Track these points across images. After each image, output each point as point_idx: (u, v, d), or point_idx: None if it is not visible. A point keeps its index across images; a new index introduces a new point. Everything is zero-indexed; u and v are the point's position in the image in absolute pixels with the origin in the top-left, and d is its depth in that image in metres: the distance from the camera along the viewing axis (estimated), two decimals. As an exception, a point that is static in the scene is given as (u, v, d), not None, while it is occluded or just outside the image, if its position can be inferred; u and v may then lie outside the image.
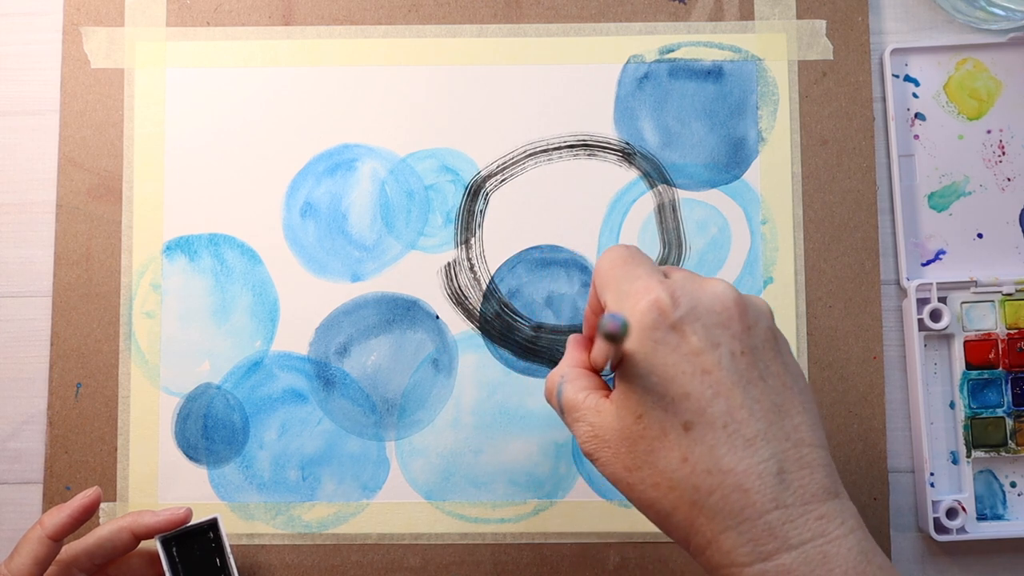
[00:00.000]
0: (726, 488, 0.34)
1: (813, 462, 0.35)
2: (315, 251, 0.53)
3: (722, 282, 0.36)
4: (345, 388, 0.52)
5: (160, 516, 0.46)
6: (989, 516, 0.51)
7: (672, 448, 0.35)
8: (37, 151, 0.53)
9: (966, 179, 0.53)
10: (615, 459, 0.36)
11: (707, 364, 0.35)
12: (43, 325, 0.53)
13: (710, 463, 0.34)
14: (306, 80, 0.53)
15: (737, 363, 0.35)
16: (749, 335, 0.36)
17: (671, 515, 0.35)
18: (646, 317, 0.35)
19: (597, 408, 0.37)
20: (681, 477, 0.35)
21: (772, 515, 0.33)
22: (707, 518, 0.34)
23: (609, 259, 0.38)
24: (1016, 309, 0.51)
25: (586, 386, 0.39)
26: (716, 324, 0.35)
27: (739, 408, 0.34)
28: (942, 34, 0.54)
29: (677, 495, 0.35)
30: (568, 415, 0.39)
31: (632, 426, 0.36)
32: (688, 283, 0.36)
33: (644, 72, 0.53)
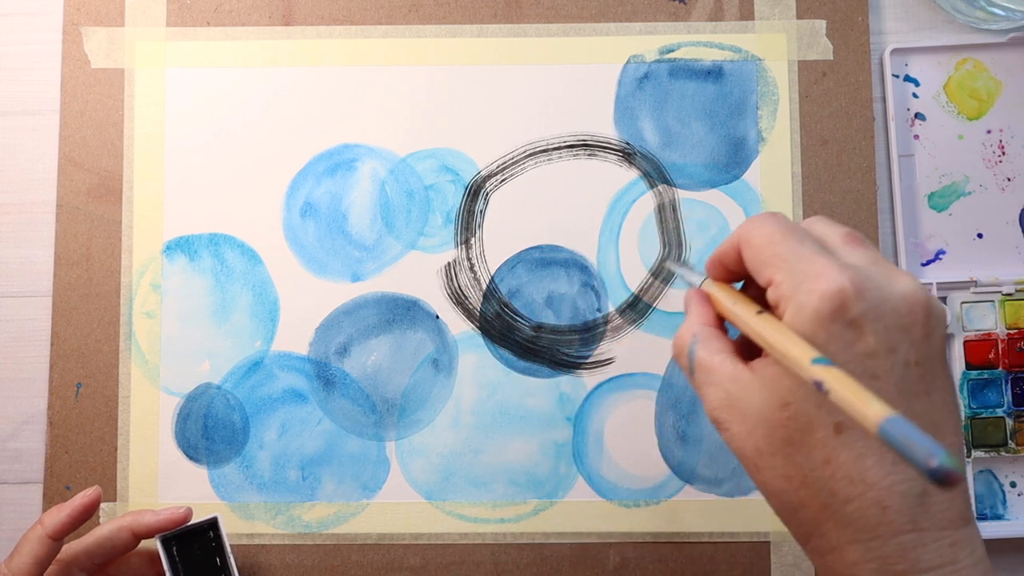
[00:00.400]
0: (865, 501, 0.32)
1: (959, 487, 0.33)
2: (315, 251, 0.53)
3: (911, 279, 0.33)
4: (345, 388, 0.52)
5: (160, 515, 0.46)
6: (989, 516, 0.51)
7: (816, 447, 0.33)
8: (37, 151, 0.53)
9: (966, 179, 0.53)
10: (747, 436, 0.34)
11: (879, 369, 0.32)
12: (43, 325, 0.53)
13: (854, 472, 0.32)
14: (306, 80, 0.53)
15: (909, 373, 0.32)
16: (927, 343, 0.33)
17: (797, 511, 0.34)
18: (824, 306, 0.32)
19: (735, 376, 0.35)
20: (819, 478, 0.33)
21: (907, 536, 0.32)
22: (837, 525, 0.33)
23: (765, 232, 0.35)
24: (1016, 309, 0.51)
25: (721, 348, 0.36)
26: (898, 327, 0.32)
27: None
28: (942, 34, 0.54)
29: (809, 494, 0.33)
30: (700, 376, 0.36)
31: (776, 412, 0.33)
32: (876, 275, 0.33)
33: (644, 72, 0.53)
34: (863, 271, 0.33)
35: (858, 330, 0.32)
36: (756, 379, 0.34)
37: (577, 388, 0.52)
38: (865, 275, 0.32)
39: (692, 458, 0.51)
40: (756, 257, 0.35)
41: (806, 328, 0.32)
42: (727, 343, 0.36)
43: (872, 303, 0.32)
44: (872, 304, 0.32)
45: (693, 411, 0.52)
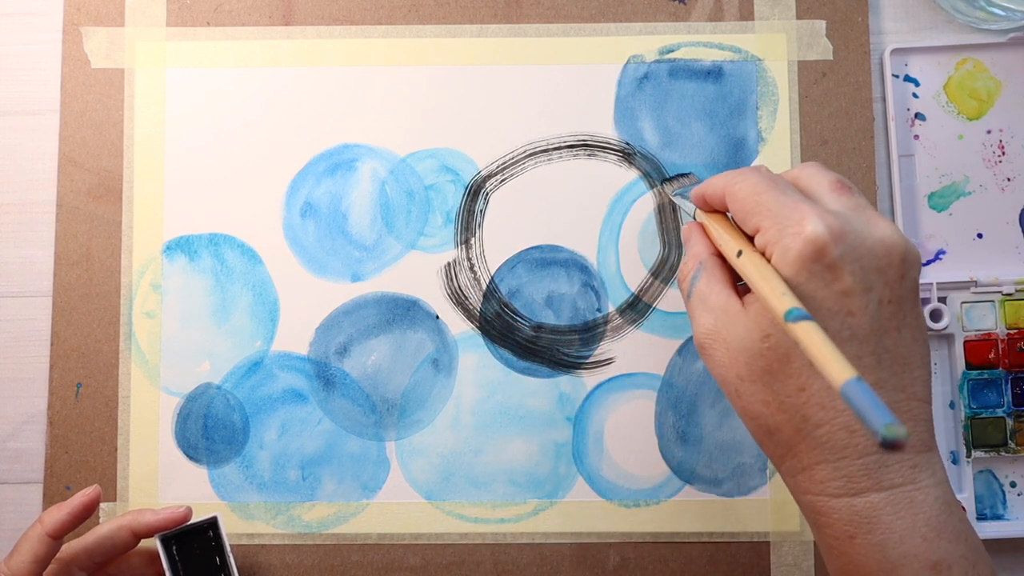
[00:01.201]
0: (835, 425, 0.35)
1: (919, 416, 0.36)
2: (315, 251, 0.53)
3: (890, 224, 0.36)
4: (345, 388, 0.52)
5: (160, 515, 0.46)
6: (989, 516, 0.51)
7: (792, 376, 0.35)
8: (37, 151, 0.53)
9: (966, 179, 0.53)
10: (729, 364, 0.37)
11: (853, 306, 0.35)
12: (43, 325, 0.53)
13: (825, 398, 0.35)
14: (306, 80, 0.53)
15: (882, 311, 0.35)
16: (900, 284, 0.36)
17: (773, 433, 0.37)
18: (806, 249, 0.35)
19: (726, 307, 0.37)
20: (794, 404, 0.36)
21: (871, 458, 0.35)
22: (808, 447, 0.36)
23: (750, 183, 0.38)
24: (1016, 309, 0.51)
25: (721, 279, 0.39)
26: (874, 268, 0.35)
27: (869, 355, 0.35)
28: (942, 34, 0.54)
29: (785, 418, 0.36)
30: (694, 302, 0.39)
31: (757, 343, 0.36)
32: (856, 220, 0.36)
33: (644, 72, 0.53)
34: (843, 216, 0.35)
35: (837, 271, 0.35)
36: (743, 311, 0.37)
37: (577, 388, 0.52)
38: (845, 220, 0.35)
39: (692, 458, 0.51)
40: (742, 208, 0.38)
41: (790, 270, 0.35)
42: (727, 275, 0.39)
43: (850, 246, 0.35)
44: (850, 247, 0.35)
45: (693, 411, 0.52)
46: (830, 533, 0.36)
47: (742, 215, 0.38)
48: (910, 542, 0.35)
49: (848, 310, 0.35)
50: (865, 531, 0.35)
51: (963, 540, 0.35)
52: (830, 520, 0.36)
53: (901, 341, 0.36)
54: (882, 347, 0.35)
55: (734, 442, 0.51)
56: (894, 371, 0.36)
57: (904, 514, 0.35)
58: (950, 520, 0.35)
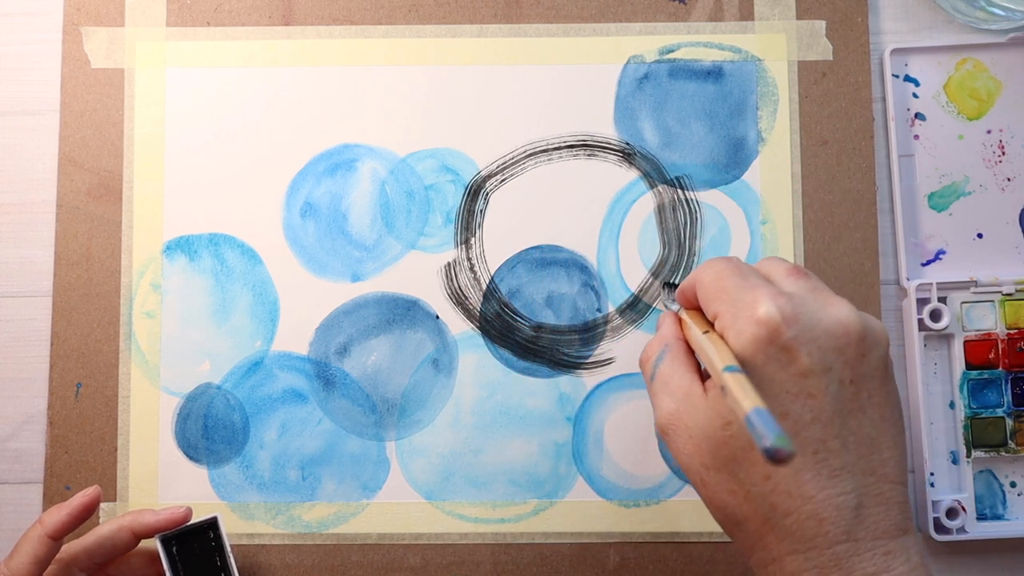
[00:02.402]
0: (803, 514, 0.34)
1: (891, 499, 0.35)
2: (315, 251, 0.53)
3: (845, 304, 0.36)
4: (345, 388, 0.52)
5: (160, 515, 0.46)
6: (989, 516, 0.51)
7: (757, 464, 0.35)
8: (37, 151, 0.53)
9: (966, 179, 0.53)
10: (693, 451, 0.36)
11: (813, 388, 0.34)
12: (43, 325, 0.53)
13: (792, 486, 0.34)
14: (306, 80, 0.53)
15: (844, 391, 0.35)
16: (862, 363, 0.35)
17: (741, 523, 0.36)
18: (759, 331, 0.34)
19: (689, 393, 0.37)
20: (760, 493, 0.35)
21: (842, 547, 0.34)
22: (777, 537, 0.35)
23: (715, 270, 0.38)
24: (1016, 309, 0.51)
25: (685, 363, 0.38)
26: (832, 349, 0.35)
27: (833, 438, 0.34)
28: (942, 34, 0.54)
29: (751, 508, 0.35)
30: (657, 385, 0.38)
31: (719, 431, 0.35)
32: (811, 301, 0.35)
33: (644, 72, 0.53)
34: (797, 298, 0.35)
35: (792, 352, 0.34)
36: (705, 397, 0.36)
37: (577, 388, 0.52)
38: (800, 301, 0.35)
39: (692, 458, 0.51)
40: (706, 295, 0.38)
41: (745, 352, 0.35)
42: (692, 361, 0.39)
43: (805, 327, 0.34)
44: (805, 328, 0.34)
45: (693, 411, 0.52)
46: None
47: (705, 301, 0.38)
48: None
49: (808, 392, 0.34)
50: None
51: None
52: None
53: (867, 422, 0.35)
54: (847, 429, 0.35)
55: (734, 442, 0.51)
56: (861, 454, 0.35)
57: None
58: None
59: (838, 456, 0.34)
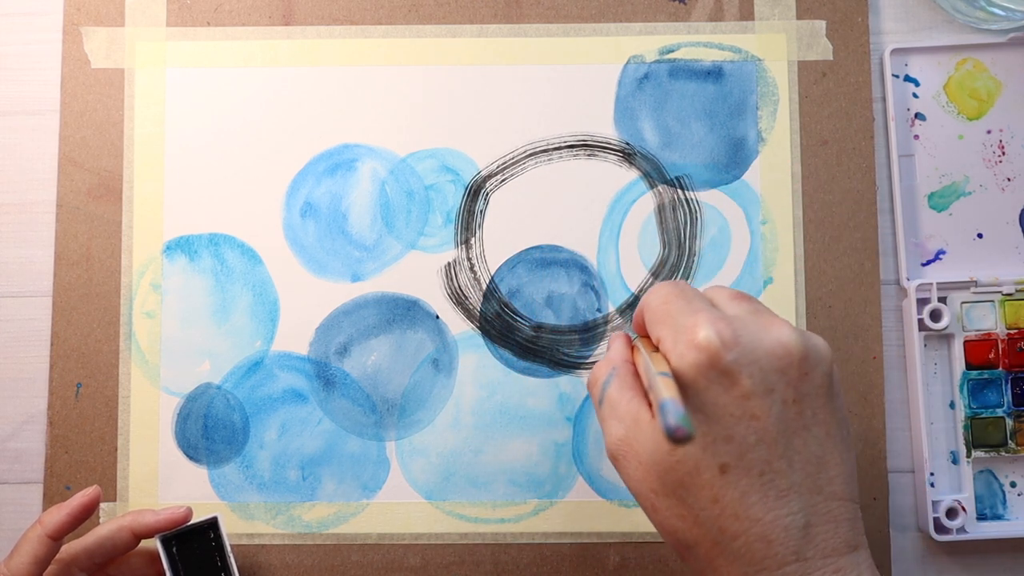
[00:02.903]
0: (751, 536, 0.34)
1: (840, 516, 0.35)
2: (315, 251, 0.53)
3: (786, 324, 0.36)
4: (345, 388, 0.52)
5: (160, 515, 0.46)
6: (989, 516, 0.51)
7: (704, 487, 0.35)
8: (37, 151, 0.53)
9: (966, 179, 0.53)
10: (643, 477, 0.36)
11: (756, 410, 0.34)
12: (43, 325, 0.53)
13: (739, 509, 0.34)
14: (306, 80, 0.53)
15: (787, 411, 0.35)
16: (804, 382, 0.35)
17: (691, 548, 0.36)
18: (700, 355, 0.34)
19: (636, 417, 0.37)
20: (708, 517, 0.35)
21: (791, 567, 0.34)
22: (727, 560, 0.35)
23: (661, 294, 0.38)
24: (1016, 309, 0.51)
25: (633, 386, 0.38)
26: (774, 369, 0.35)
27: (779, 458, 0.34)
28: (942, 34, 0.54)
29: (701, 532, 0.35)
30: (605, 410, 0.38)
31: (665, 456, 0.35)
32: (752, 323, 0.35)
33: (644, 72, 0.53)
34: (738, 320, 0.35)
35: (733, 375, 0.34)
36: (652, 422, 0.36)
37: (577, 388, 0.52)
38: (740, 324, 0.35)
39: (692, 458, 0.51)
40: (651, 318, 0.38)
41: (687, 377, 0.35)
42: (639, 385, 0.38)
43: (745, 349, 0.35)
44: (746, 350, 0.35)
45: (693, 411, 0.52)
46: None
47: (650, 325, 0.38)
48: None
49: (751, 414, 0.34)
50: None
51: None
52: None
53: (812, 441, 0.35)
54: (792, 449, 0.35)
55: (734, 442, 0.51)
56: (807, 472, 0.35)
57: None
58: None
59: (784, 476, 0.34)
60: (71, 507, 0.44)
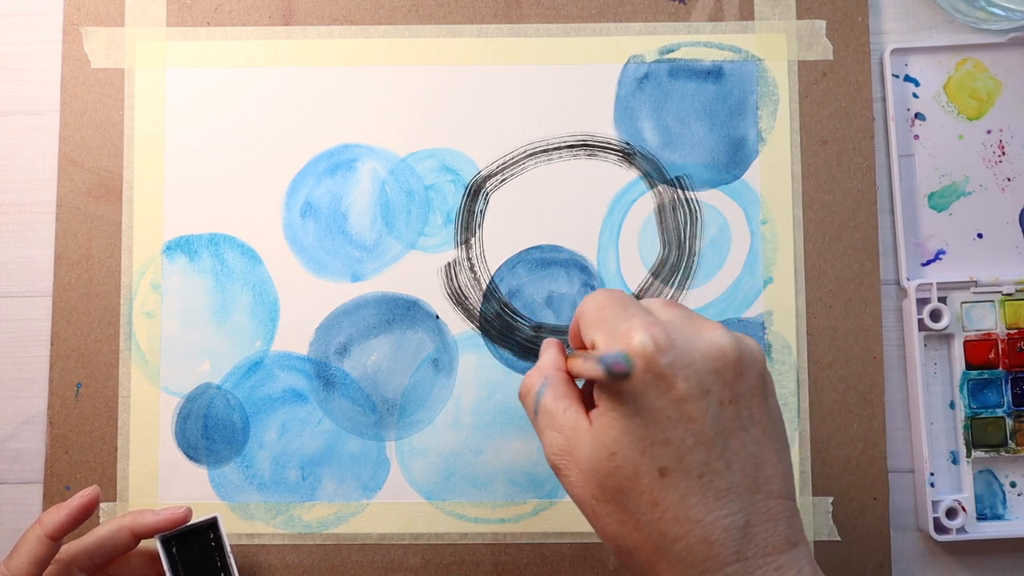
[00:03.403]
0: (691, 538, 0.34)
1: (778, 515, 0.35)
2: (315, 251, 0.53)
3: (719, 327, 0.36)
4: (345, 388, 0.52)
5: (160, 516, 0.46)
6: (989, 516, 0.51)
7: (643, 492, 0.35)
8: (37, 151, 0.53)
9: (966, 179, 0.53)
10: (583, 484, 0.36)
11: (693, 412, 0.34)
12: (43, 325, 0.53)
13: (679, 511, 0.34)
14: (306, 80, 0.53)
15: (724, 412, 0.35)
16: (739, 382, 0.35)
17: (633, 553, 0.36)
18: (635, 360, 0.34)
19: (575, 425, 0.37)
20: (648, 521, 0.35)
21: (732, 567, 0.34)
22: (668, 564, 0.35)
23: (596, 301, 0.38)
24: (1016, 309, 0.51)
25: (567, 394, 0.38)
26: (709, 371, 0.35)
27: (717, 459, 0.34)
28: (942, 34, 0.54)
29: (642, 536, 0.35)
30: (542, 420, 0.38)
31: (605, 462, 0.35)
32: (685, 327, 0.36)
33: (644, 72, 0.53)
34: (672, 325, 0.35)
35: (668, 379, 0.34)
36: (590, 429, 0.36)
37: (577, 388, 0.52)
38: (674, 328, 0.35)
39: (692, 458, 0.51)
40: (585, 324, 0.38)
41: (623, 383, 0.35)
42: (575, 391, 0.38)
43: (680, 352, 0.35)
44: (681, 353, 0.35)
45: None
46: None
47: (584, 330, 0.38)
48: None
49: (688, 416, 0.34)
50: None
51: None
52: None
53: (749, 440, 0.35)
54: (729, 449, 0.35)
55: (734, 442, 0.51)
56: (746, 473, 0.35)
57: None
58: None
59: (723, 477, 0.34)
60: (71, 507, 0.44)
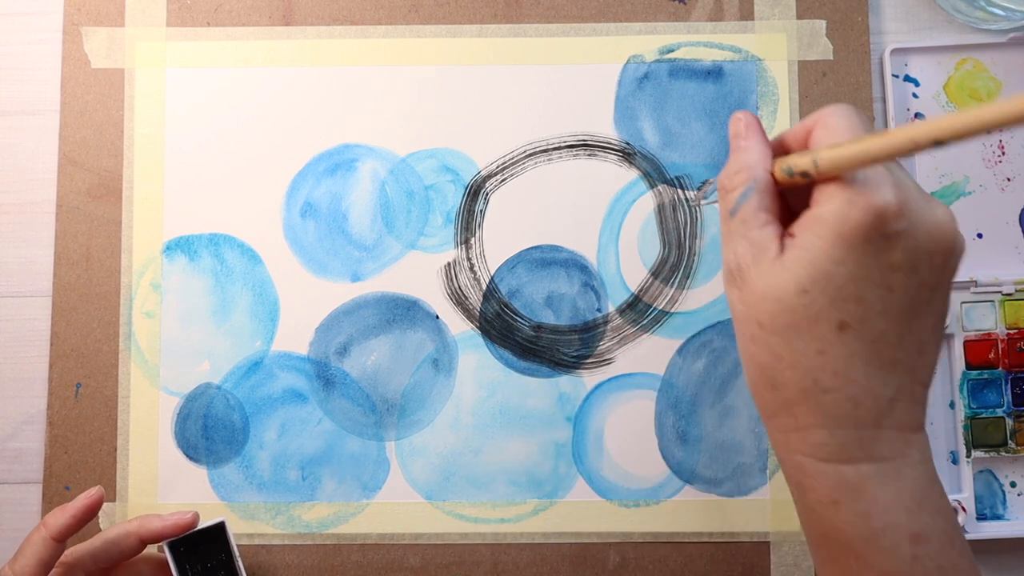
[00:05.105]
0: (841, 394, 0.35)
1: (919, 399, 0.36)
2: (315, 251, 0.53)
3: (948, 210, 0.35)
4: (345, 388, 0.52)
5: (167, 521, 0.46)
6: (989, 516, 0.51)
7: (816, 338, 0.35)
8: (37, 151, 0.53)
9: (966, 179, 0.53)
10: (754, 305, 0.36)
11: (895, 283, 0.34)
12: (43, 325, 0.53)
13: (841, 367, 0.35)
14: (306, 80, 0.53)
15: (920, 294, 0.35)
16: (943, 272, 0.35)
17: (776, 387, 0.36)
18: (871, 216, 0.33)
19: (768, 245, 0.36)
20: (808, 366, 0.35)
21: (868, 432, 0.35)
22: (809, 408, 0.35)
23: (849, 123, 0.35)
24: (1016, 309, 0.51)
25: (771, 209, 0.36)
26: (926, 251, 0.34)
27: (895, 333, 0.35)
28: (942, 34, 0.54)
29: (794, 376, 0.35)
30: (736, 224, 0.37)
31: (791, 295, 0.34)
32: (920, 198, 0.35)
33: (644, 72, 0.53)
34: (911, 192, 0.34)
35: (891, 244, 0.34)
36: (782, 257, 0.35)
37: (577, 388, 0.52)
38: (912, 196, 0.34)
39: (692, 458, 0.51)
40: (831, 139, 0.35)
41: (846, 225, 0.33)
42: (777, 205, 0.37)
43: (912, 222, 0.34)
44: (912, 224, 0.34)
45: (693, 411, 0.52)
46: (813, 497, 0.36)
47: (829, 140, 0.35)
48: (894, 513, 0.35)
49: (889, 285, 0.34)
50: (851, 499, 0.35)
51: (943, 515, 0.35)
52: (815, 484, 0.36)
53: (925, 326, 0.35)
54: (909, 329, 0.35)
55: (734, 442, 0.51)
56: (910, 354, 0.35)
57: (891, 486, 0.35)
58: (932, 495, 0.35)
59: (892, 350, 0.35)
60: (74, 509, 0.44)
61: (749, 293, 0.36)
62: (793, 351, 0.35)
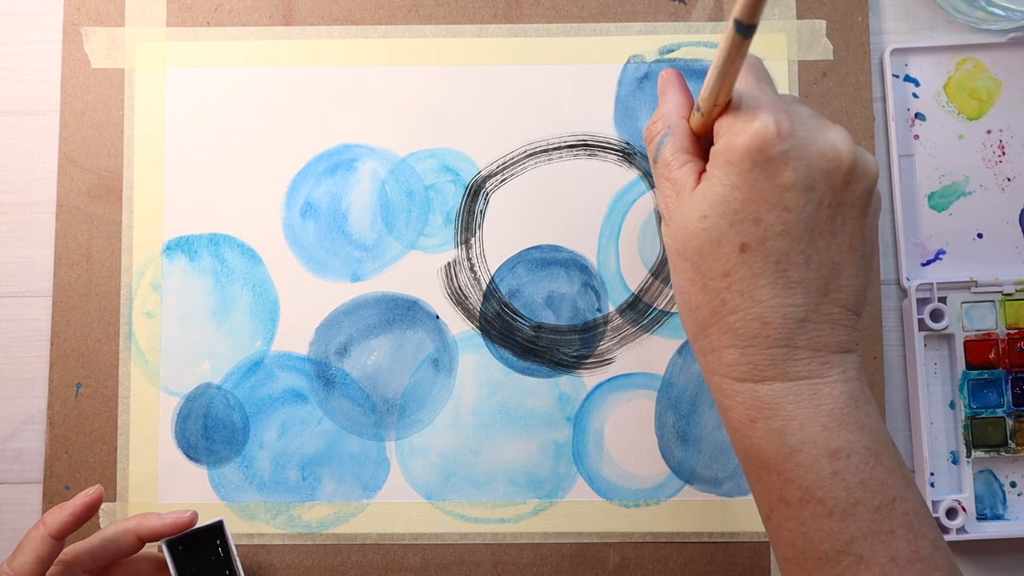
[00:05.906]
0: (749, 314, 0.36)
1: (839, 321, 0.37)
2: (315, 251, 0.53)
3: (844, 132, 0.37)
4: (345, 388, 0.52)
5: (166, 519, 0.46)
6: (989, 516, 0.51)
7: (719, 260, 0.36)
8: (37, 151, 0.53)
9: (966, 179, 0.53)
10: (672, 236, 0.38)
11: (791, 202, 0.35)
12: (43, 325, 0.53)
13: (745, 287, 0.36)
14: (306, 80, 0.53)
15: (820, 212, 0.36)
16: (845, 191, 0.36)
17: (693, 311, 0.38)
18: (755, 139, 0.35)
19: (685, 182, 0.38)
20: (716, 287, 0.37)
21: (779, 350, 0.36)
22: (720, 330, 0.37)
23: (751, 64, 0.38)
24: (1016, 309, 0.51)
25: (687, 149, 0.39)
26: (820, 169, 0.36)
27: (798, 253, 0.36)
28: (942, 34, 0.54)
29: (705, 299, 0.37)
30: (659, 169, 0.40)
31: (695, 222, 0.37)
32: (811, 122, 0.36)
33: (644, 72, 0.53)
34: (799, 116, 0.37)
35: (778, 165, 0.35)
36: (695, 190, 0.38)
37: (577, 388, 0.52)
38: (799, 120, 0.36)
39: (692, 458, 0.51)
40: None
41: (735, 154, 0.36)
42: (694, 146, 0.39)
43: (799, 143, 0.35)
44: (798, 144, 0.35)
45: (693, 411, 0.52)
46: (733, 416, 0.37)
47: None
48: (809, 430, 0.36)
49: (785, 205, 0.35)
50: (766, 416, 0.36)
51: (867, 432, 0.36)
52: (733, 403, 0.37)
53: (834, 246, 0.36)
54: (813, 248, 0.36)
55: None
56: (820, 275, 0.36)
57: (806, 404, 0.36)
58: (855, 413, 0.36)
59: (797, 270, 0.36)
60: (73, 507, 0.44)
61: (671, 227, 0.38)
62: (702, 275, 0.37)
